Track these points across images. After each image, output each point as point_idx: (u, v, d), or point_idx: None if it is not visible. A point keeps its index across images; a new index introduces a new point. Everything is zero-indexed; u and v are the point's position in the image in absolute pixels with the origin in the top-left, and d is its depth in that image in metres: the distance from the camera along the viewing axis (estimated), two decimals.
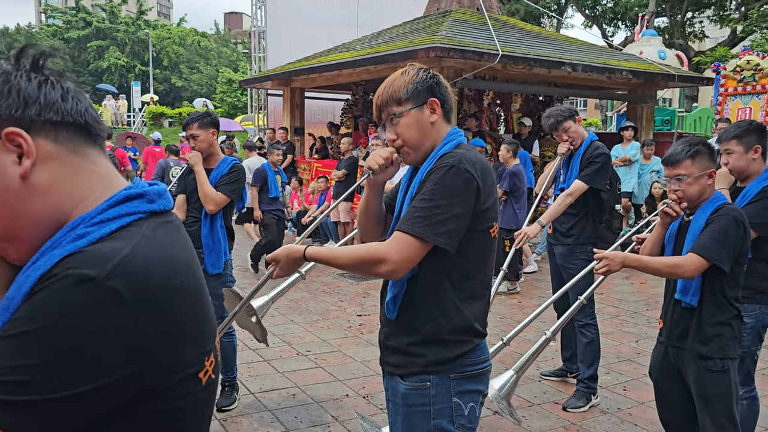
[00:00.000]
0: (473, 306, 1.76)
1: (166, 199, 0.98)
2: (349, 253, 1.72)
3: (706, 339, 2.51)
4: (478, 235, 1.73)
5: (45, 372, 0.78)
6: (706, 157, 2.55)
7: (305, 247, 1.80)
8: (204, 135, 3.76)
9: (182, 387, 0.90)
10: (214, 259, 3.73)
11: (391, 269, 1.64)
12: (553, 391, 4.25)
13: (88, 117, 0.95)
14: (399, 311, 1.76)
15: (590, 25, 26.12)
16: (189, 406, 0.93)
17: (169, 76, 46.89)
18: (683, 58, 16.41)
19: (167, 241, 0.92)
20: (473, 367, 1.76)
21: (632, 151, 9.37)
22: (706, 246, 2.43)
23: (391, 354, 1.81)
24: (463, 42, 8.64)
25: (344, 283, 7.46)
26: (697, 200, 2.56)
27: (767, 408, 3.98)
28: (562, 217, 3.99)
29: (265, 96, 15.07)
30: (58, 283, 0.80)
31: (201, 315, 0.94)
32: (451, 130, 1.82)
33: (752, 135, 2.94)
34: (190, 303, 0.91)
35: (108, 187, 0.94)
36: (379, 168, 1.82)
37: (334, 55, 10.93)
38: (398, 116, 1.78)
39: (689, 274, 2.44)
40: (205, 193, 3.68)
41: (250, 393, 4.10)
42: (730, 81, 9.53)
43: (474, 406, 1.77)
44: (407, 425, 1.75)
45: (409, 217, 1.67)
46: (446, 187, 1.66)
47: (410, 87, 1.77)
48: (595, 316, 4.06)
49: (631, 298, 6.89)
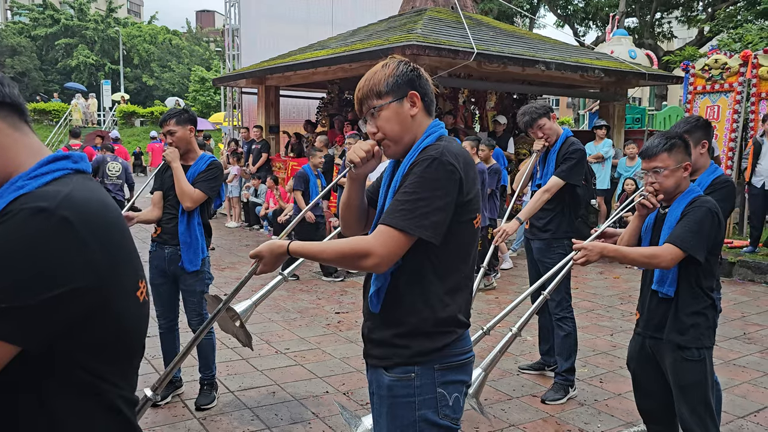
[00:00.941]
0: (457, 297, 1.77)
1: (87, 164, 1.18)
2: (334, 248, 1.72)
3: (683, 329, 2.56)
4: (461, 226, 1.74)
5: (18, 284, 0.97)
6: (682, 151, 2.62)
7: (289, 242, 1.80)
8: (181, 131, 3.72)
9: (126, 301, 1.12)
10: (191, 256, 3.70)
11: (376, 263, 1.65)
12: (531, 384, 4.30)
13: (21, 100, 1.15)
14: (383, 304, 1.76)
15: (562, 24, 26.42)
16: (132, 318, 1.15)
17: (140, 74, 46.17)
18: (653, 58, 16.68)
19: (96, 189, 1.14)
20: (457, 358, 1.77)
21: (604, 148, 9.53)
22: (682, 236, 2.48)
23: (375, 346, 1.81)
24: (439, 40, 8.68)
25: (322, 281, 7.44)
26: (673, 192, 2.62)
27: (738, 397, 4.09)
28: (539, 212, 4.03)
29: (240, 94, 14.93)
30: (17, 216, 0.99)
31: (132, 246, 1.17)
32: (432, 123, 1.83)
33: (699, 131, 3.05)
34: (123, 235, 1.14)
35: (39, 154, 1.13)
36: (361, 161, 1.81)
37: (309, 53, 10.88)
38: (378, 109, 1.78)
39: (665, 264, 2.49)
40: (183, 189, 3.64)
41: (229, 391, 4.07)
42: (698, 79, 9.70)
43: (458, 397, 1.78)
44: (392, 416, 1.75)
45: (393, 211, 1.67)
46: (429, 180, 1.66)
47: (390, 80, 1.78)
48: (572, 309, 4.11)
49: (605, 292, 7.00)
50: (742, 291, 7.14)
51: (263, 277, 4.08)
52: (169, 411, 3.77)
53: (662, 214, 2.68)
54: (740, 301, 6.67)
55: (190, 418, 3.68)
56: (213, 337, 3.95)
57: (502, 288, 7.14)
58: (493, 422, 3.66)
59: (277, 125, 13.15)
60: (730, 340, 5.25)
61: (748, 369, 4.59)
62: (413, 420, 1.72)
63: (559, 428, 3.62)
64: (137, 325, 1.18)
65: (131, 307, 1.14)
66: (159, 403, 3.81)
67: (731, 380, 4.33)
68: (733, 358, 4.83)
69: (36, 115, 27.10)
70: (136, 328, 1.18)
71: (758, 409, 3.90)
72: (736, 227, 9.36)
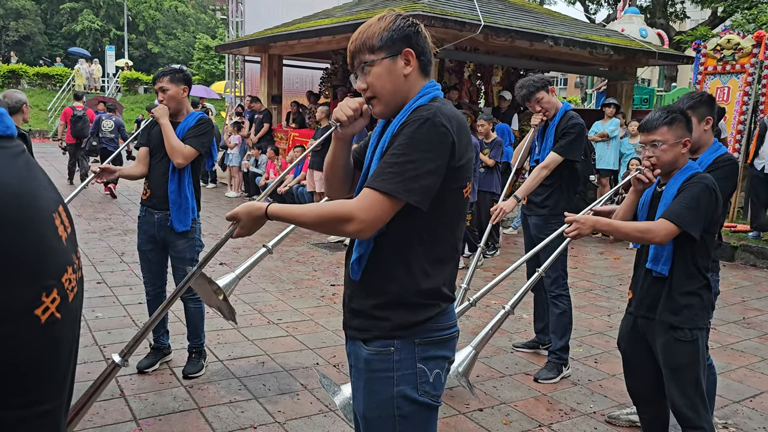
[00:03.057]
0: (442, 269, 1.68)
1: (4, 124, 0.93)
2: (314, 211, 1.62)
3: (676, 309, 2.49)
4: (451, 194, 1.64)
5: None
6: (683, 126, 2.53)
7: (267, 204, 1.70)
8: (174, 89, 3.60)
9: (12, 323, 0.86)
10: (181, 216, 3.61)
11: (359, 228, 1.55)
12: (525, 362, 4.24)
13: None
14: (364, 272, 1.67)
15: (573, 1, 25.96)
16: (22, 344, 0.88)
17: (145, 41, 45.72)
18: (664, 37, 16.40)
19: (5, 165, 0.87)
20: (440, 333, 1.68)
21: (611, 126, 9.36)
22: (677, 212, 2.40)
23: (354, 317, 1.72)
24: (445, 11, 8.49)
25: (318, 252, 7.37)
26: (670, 168, 2.54)
27: (735, 382, 4.02)
28: (537, 188, 3.94)
29: (243, 63, 14.73)
30: None
31: (36, 248, 0.89)
32: (427, 83, 1.71)
33: (704, 106, 2.95)
34: (14, 235, 0.86)
35: None
36: (347, 120, 1.71)
37: (313, 22, 10.69)
38: (370, 65, 1.67)
39: (659, 240, 2.41)
40: (172, 145, 3.52)
41: (218, 360, 4.02)
42: (709, 60, 9.49)
43: (439, 373, 1.69)
44: (369, 391, 1.67)
45: (380, 173, 1.57)
46: (420, 141, 1.56)
47: (385, 35, 1.66)
48: (567, 287, 4.04)
49: (604, 273, 6.92)
50: (744, 275, 7.05)
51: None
52: (156, 378, 3.72)
53: (659, 191, 2.59)
54: (741, 285, 6.58)
55: (177, 385, 3.63)
56: (202, 305, 3.88)
57: (500, 264, 7.06)
58: (483, 399, 3.60)
59: (280, 95, 12.98)
60: (728, 324, 5.18)
61: (746, 354, 4.53)
62: (391, 396, 1.63)
63: (551, 407, 3.56)
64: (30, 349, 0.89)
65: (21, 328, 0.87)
66: (146, 370, 3.77)
67: (729, 364, 4.27)
68: (732, 342, 4.76)
69: (39, 80, 26.85)
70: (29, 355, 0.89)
71: (754, 394, 3.84)
72: (740, 211, 9.24)
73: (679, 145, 2.50)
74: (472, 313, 5.16)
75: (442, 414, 3.35)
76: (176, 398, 3.47)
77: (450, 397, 3.58)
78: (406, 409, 1.65)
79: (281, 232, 3.08)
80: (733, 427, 3.39)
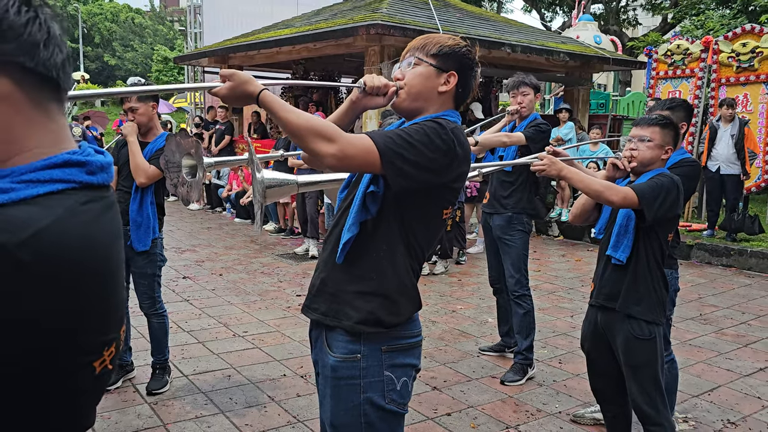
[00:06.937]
0: (416, 275, 1.74)
1: (108, 174, 0.90)
2: (305, 116, 1.56)
3: (635, 300, 2.57)
4: (437, 211, 1.71)
5: None
6: (671, 135, 2.65)
7: (264, 88, 1.60)
8: (143, 108, 3.58)
9: (73, 374, 0.84)
10: (141, 236, 3.56)
11: (332, 152, 1.51)
12: (491, 365, 4.28)
13: (62, 72, 0.85)
14: (351, 258, 1.67)
15: (529, 9, 26.48)
16: (75, 394, 0.86)
17: (101, 53, 44.87)
18: (618, 44, 16.82)
19: (92, 220, 0.85)
20: (406, 340, 1.70)
21: (565, 130, 9.58)
22: (643, 189, 2.50)
23: (323, 300, 1.71)
24: (404, 20, 8.57)
25: (284, 263, 7.33)
26: (646, 166, 2.64)
27: (693, 376, 4.14)
28: (500, 187, 4.05)
29: (202, 74, 14.58)
30: None
31: (109, 302, 0.88)
32: (451, 110, 1.77)
33: (683, 111, 3.13)
34: (99, 288, 0.85)
35: (55, 145, 0.85)
36: (372, 88, 1.71)
37: (273, 32, 10.66)
38: (417, 63, 1.74)
39: (616, 198, 2.49)
40: (137, 164, 3.49)
41: (183, 375, 3.96)
42: (661, 65, 9.78)
43: (407, 381, 1.70)
44: (336, 399, 1.67)
45: (383, 134, 1.60)
46: (429, 137, 1.59)
47: (445, 49, 1.73)
48: (529, 287, 4.11)
49: (566, 275, 7.05)
50: (700, 273, 7.27)
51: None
52: (119, 396, 3.64)
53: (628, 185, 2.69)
54: (697, 282, 6.78)
55: (141, 402, 3.57)
56: (166, 320, 3.82)
57: (466, 270, 7.13)
58: (451, 404, 3.63)
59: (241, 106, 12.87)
60: (686, 321, 5.33)
61: (704, 349, 4.66)
62: (358, 403, 1.64)
63: (518, 409, 3.61)
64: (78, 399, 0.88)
65: (79, 379, 0.85)
66: (109, 388, 3.69)
67: (687, 360, 4.39)
68: (689, 338, 4.90)
69: None
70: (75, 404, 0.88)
71: (712, 388, 3.95)
72: (695, 211, 9.52)
73: (662, 150, 2.62)
74: (438, 319, 5.20)
75: (411, 420, 3.36)
76: (140, 416, 3.40)
77: (418, 403, 3.60)
78: (372, 417, 1.66)
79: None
80: (693, 421, 3.48)
